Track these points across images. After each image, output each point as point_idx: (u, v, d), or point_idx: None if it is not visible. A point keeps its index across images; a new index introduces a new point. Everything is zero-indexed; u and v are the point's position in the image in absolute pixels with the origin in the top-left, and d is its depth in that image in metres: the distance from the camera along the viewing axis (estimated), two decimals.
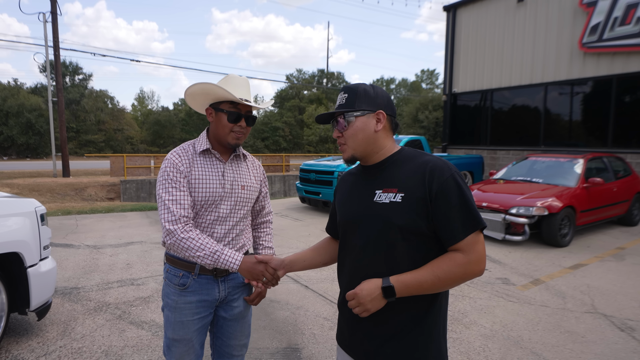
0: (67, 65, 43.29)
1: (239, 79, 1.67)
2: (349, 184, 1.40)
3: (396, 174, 1.24)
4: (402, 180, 1.21)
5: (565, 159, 6.99)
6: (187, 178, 1.60)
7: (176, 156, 1.62)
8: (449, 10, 13.88)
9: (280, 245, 5.86)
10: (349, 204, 1.34)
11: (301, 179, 9.11)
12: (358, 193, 1.32)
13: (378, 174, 1.29)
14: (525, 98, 11.98)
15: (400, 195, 1.19)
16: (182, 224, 1.54)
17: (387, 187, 1.23)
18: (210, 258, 1.52)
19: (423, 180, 1.18)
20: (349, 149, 1.29)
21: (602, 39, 10.02)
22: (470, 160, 10.70)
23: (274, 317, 3.42)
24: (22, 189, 12.42)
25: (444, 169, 1.18)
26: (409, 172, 1.22)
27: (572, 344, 3.00)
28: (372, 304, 1.15)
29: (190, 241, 1.52)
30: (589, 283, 4.32)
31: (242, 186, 1.72)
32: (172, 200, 1.55)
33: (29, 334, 3.06)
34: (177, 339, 1.65)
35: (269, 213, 1.96)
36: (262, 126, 46.75)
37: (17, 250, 2.69)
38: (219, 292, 1.69)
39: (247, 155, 1.81)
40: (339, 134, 1.31)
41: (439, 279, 1.13)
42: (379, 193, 1.24)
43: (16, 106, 35.97)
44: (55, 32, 15.60)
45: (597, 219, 6.58)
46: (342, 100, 1.29)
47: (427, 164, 1.20)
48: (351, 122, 1.27)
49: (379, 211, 1.21)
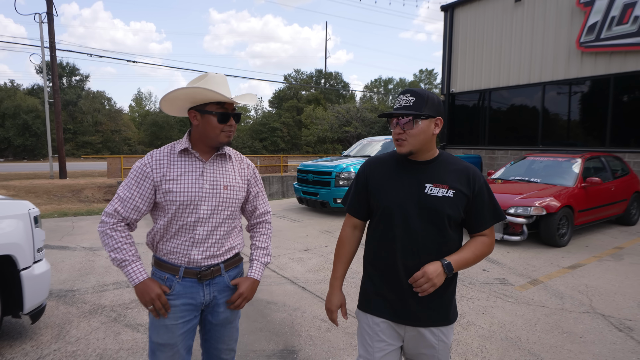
0: (63, 66, 43.18)
1: (219, 77, 1.62)
2: (388, 172, 1.59)
3: (444, 173, 1.52)
4: (452, 179, 1.51)
5: (563, 158, 6.98)
6: (156, 181, 1.58)
7: (148, 157, 1.62)
8: (447, 10, 13.88)
9: (277, 247, 5.83)
10: (394, 190, 1.54)
11: (299, 180, 9.08)
12: (403, 182, 1.54)
13: (427, 170, 1.53)
14: (523, 98, 11.98)
15: (452, 192, 1.50)
16: (115, 219, 1.57)
17: (437, 182, 1.51)
18: (116, 263, 1.57)
19: (468, 182, 1.52)
20: (408, 145, 1.49)
21: (599, 38, 10.03)
22: (468, 161, 10.67)
23: (271, 319, 3.39)
24: (18, 190, 12.35)
25: (480, 175, 1.57)
26: (457, 173, 1.53)
27: (570, 344, 2.98)
28: (438, 279, 1.45)
29: (110, 239, 1.56)
30: (587, 283, 4.31)
31: (225, 186, 1.67)
32: (120, 197, 1.59)
33: (22, 337, 3.03)
34: (162, 343, 1.62)
35: (265, 213, 1.89)
36: (260, 127, 46.73)
37: (10, 253, 2.66)
38: (204, 295, 1.66)
39: (232, 155, 1.75)
40: (401, 131, 1.49)
41: (476, 256, 1.53)
42: (430, 186, 1.50)
43: (13, 107, 35.86)
44: (52, 33, 15.55)
45: (595, 218, 6.58)
46: (410, 102, 1.48)
47: (469, 169, 1.55)
48: (417, 123, 1.47)
49: (432, 202, 1.49)
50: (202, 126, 1.61)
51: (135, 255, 1.59)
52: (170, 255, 1.63)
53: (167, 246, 1.63)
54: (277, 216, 8.36)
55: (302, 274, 4.61)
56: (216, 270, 1.68)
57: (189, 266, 1.63)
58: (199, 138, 1.64)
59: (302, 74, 54.51)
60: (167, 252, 1.64)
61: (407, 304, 1.52)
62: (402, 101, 1.50)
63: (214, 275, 1.67)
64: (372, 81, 60.70)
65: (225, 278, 1.71)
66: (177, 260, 1.63)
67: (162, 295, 1.57)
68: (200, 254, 1.63)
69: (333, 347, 2.91)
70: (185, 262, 1.62)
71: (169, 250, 1.63)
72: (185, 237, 1.61)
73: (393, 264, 1.53)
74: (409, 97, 1.48)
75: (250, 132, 47.42)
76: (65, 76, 43.93)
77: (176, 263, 1.63)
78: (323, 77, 52.99)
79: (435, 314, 1.54)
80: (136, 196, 1.59)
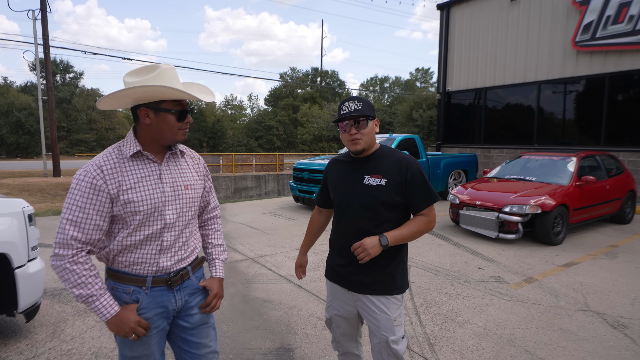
0: (57, 63, 42.79)
1: (171, 69, 1.46)
2: (341, 169, 1.92)
3: (380, 165, 1.80)
4: (386, 170, 1.78)
5: (558, 157, 7.02)
6: (112, 193, 1.40)
7: (95, 169, 1.40)
8: (443, 9, 13.90)
9: (273, 245, 5.82)
10: (343, 185, 1.87)
11: (295, 178, 9.07)
12: (349, 177, 1.85)
13: (367, 163, 1.83)
14: (519, 96, 12.03)
15: (384, 180, 1.77)
16: (72, 250, 1.37)
17: (373, 173, 1.79)
18: (81, 300, 1.39)
19: (400, 170, 1.77)
20: (362, 142, 1.76)
21: (595, 37, 10.09)
22: (464, 159, 10.73)
23: (267, 317, 3.39)
24: (11, 189, 12.25)
25: (413, 163, 1.79)
26: (391, 164, 1.79)
27: (565, 341, 3.00)
28: (374, 249, 1.69)
29: (71, 274, 1.37)
30: (582, 281, 4.34)
31: (185, 186, 1.57)
32: (72, 221, 1.37)
33: (17, 335, 3.01)
34: (137, 356, 1.53)
35: (216, 208, 1.83)
36: (256, 125, 46.59)
37: (4, 252, 2.64)
38: (175, 301, 1.57)
39: (184, 151, 1.65)
40: (356, 131, 1.75)
41: (413, 232, 1.78)
42: (367, 177, 1.80)
43: (5, 105, 35.48)
44: (45, 30, 15.40)
45: (590, 217, 6.62)
46: (359, 107, 1.74)
47: (402, 159, 1.80)
48: (368, 124, 1.76)
49: (368, 190, 1.78)
50: (156, 125, 1.47)
51: (102, 288, 1.43)
52: (134, 267, 1.49)
53: (130, 257, 1.49)
54: (273, 214, 8.35)
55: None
56: (185, 274, 1.59)
57: (157, 274, 1.52)
58: (151, 137, 1.49)
59: (298, 72, 54.39)
60: (130, 264, 1.49)
61: (353, 273, 1.84)
62: (352, 106, 1.74)
63: (183, 279, 1.59)
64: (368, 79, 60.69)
65: (193, 280, 1.64)
66: (143, 271, 1.50)
67: (141, 321, 1.46)
68: (169, 259, 1.53)
69: (329, 345, 2.91)
70: (152, 272, 1.51)
71: (132, 262, 1.49)
72: (152, 245, 1.49)
73: (345, 242, 1.85)
74: (356, 103, 1.75)
75: (246, 130, 47.27)
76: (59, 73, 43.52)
77: (142, 274, 1.50)
78: (319, 76, 52.89)
79: (375, 285, 1.81)
80: (93, 214, 1.39)
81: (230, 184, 15.68)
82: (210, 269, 1.76)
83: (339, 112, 1.79)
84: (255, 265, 4.90)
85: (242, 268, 4.76)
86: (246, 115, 54.26)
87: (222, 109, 52.03)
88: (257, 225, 7.26)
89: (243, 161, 18.64)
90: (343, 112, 1.76)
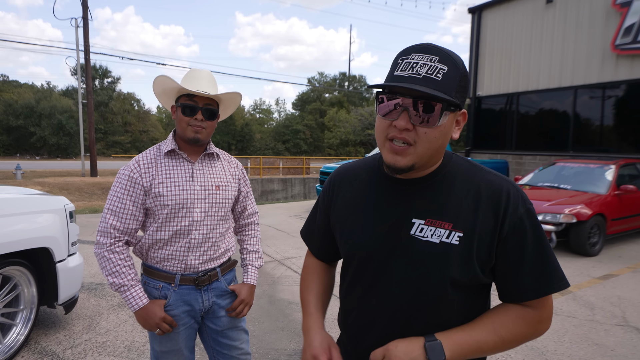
0: (96, 68, 44.80)
1: (200, 71, 1.59)
2: (359, 195, 0.98)
3: (447, 198, 0.87)
4: (459, 210, 0.85)
5: (596, 165, 6.74)
6: (146, 186, 1.51)
7: (134, 163, 1.53)
8: (474, 12, 13.65)
9: (299, 248, 5.87)
10: (361, 229, 0.94)
11: (321, 182, 9.12)
12: (382, 213, 0.92)
13: (420, 192, 0.90)
14: (553, 102, 11.64)
15: (458, 235, 0.84)
16: (112, 239, 1.48)
17: (433, 217, 0.86)
18: (115, 288, 1.49)
19: (497, 212, 0.84)
20: (414, 154, 0.83)
21: (636, 40, 9.64)
22: (494, 166, 10.47)
23: (292, 319, 3.42)
24: (52, 187, 12.89)
25: (521, 199, 0.85)
26: (473, 198, 0.86)
27: (600, 357, 2.88)
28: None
29: (108, 262, 1.47)
30: (620, 294, 4.14)
31: (217, 186, 1.61)
32: (112, 210, 1.49)
33: (56, 326, 3.16)
34: (166, 351, 1.59)
35: (253, 214, 1.83)
36: (283, 129, 47.10)
37: (47, 246, 2.78)
38: (203, 302, 1.60)
39: (220, 154, 1.70)
40: (410, 127, 0.81)
41: (503, 340, 0.84)
42: (420, 224, 0.87)
43: (48, 108, 37.50)
44: (86, 37, 16.18)
45: (629, 227, 6.32)
46: (439, 74, 0.78)
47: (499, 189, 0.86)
48: (443, 118, 0.81)
49: (421, 253, 0.86)
50: (175, 119, 1.58)
51: (135, 279, 1.51)
52: (165, 263, 1.55)
53: (161, 253, 1.55)
54: (299, 217, 8.41)
55: None
56: (213, 275, 1.62)
57: (186, 272, 1.56)
58: (178, 135, 1.59)
59: (325, 77, 54.64)
60: (162, 260, 1.56)
61: None
62: (423, 67, 0.79)
63: (211, 280, 1.61)
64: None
65: (222, 282, 1.66)
66: (172, 268, 1.56)
67: (166, 317, 1.51)
68: (197, 258, 1.57)
69: None
70: (181, 269, 1.56)
71: (163, 257, 1.55)
72: (181, 242, 1.54)
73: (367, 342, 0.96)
74: (434, 64, 0.79)
75: (273, 134, 47.90)
76: (98, 78, 45.56)
77: (172, 270, 1.56)
78: (347, 80, 52.97)
79: None
80: (130, 205, 1.50)
81: (258, 187, 15.92)
82: (243, 275, 1.78)
83: (391, 72, 0.84)
84: (281, 267, 4.96)
85: (269, 270, 4.83)
86: (274, 119, 55.05)
87: (250, 113, 53.00)
88: (284, 228, 7.33)
89: (270, 164, 18.90)
90: (396, 74, 0.81)
